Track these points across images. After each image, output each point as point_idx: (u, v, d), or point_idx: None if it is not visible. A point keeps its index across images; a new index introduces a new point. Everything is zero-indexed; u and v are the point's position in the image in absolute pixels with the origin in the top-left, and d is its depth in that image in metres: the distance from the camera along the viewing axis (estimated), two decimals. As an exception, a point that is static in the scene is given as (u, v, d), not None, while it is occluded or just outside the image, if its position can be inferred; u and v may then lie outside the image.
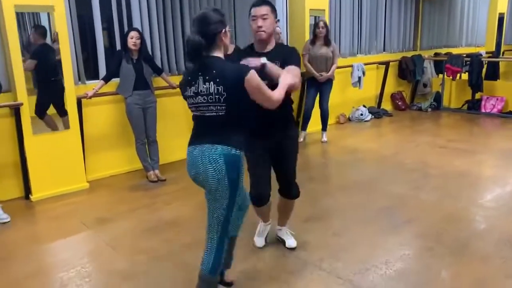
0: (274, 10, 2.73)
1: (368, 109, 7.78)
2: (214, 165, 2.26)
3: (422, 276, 2.89)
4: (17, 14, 4.09)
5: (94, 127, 4.90)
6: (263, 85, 2.30)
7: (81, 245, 3.52)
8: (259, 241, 3.35)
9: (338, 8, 7.26)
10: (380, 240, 3.40)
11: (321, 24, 5.86)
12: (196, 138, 2.37)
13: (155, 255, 3.26)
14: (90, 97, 4.62)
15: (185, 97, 2.38)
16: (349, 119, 7.67)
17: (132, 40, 4.51)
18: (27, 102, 4.23)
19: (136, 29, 4.65)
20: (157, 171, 4.95)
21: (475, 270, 2.94)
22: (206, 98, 2.25)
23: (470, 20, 10.19)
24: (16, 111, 4.19)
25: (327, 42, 5.91)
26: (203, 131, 2.34)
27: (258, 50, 2.80)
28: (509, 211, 3.86)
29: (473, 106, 8.02)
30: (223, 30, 2.30)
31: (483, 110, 7.88)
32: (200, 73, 2.27)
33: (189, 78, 2.32)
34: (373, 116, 7.75)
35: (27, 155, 4.32)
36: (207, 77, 2.24)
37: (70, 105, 4.50)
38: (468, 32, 10.22)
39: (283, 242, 3.31)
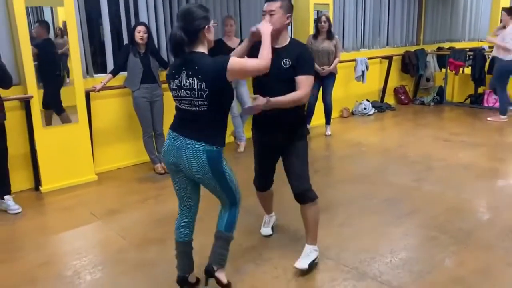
0: (285, 5, 2.70)
1: (371, 103, 7.83)
2: (197, 160, 2.38)
3: (427, 264, 2.96)
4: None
5: (101, 120, 4.97)
6: (245, 61, 2.44)
7: (92, 235, 3.60)
8: (265, 231, 3.44)
9: (342, 3, 7.30)
10: (385, 230, 3.47)
11: (323, 18, 5.91)
12: (180, 128, 2.46)
13: (165, 245, 3.32)
14: (98, 90, 4.68)
15: (170, 89, 2.47)
16: (353, 113, 7.73)
17: (140, 34, 4.57)
18: (37, 95, 4.30)
19: (143, 23, 4.71)
20: (163, 164, 5.01)
21: (478, 259, 3.01)
22: (189, 92, 2.33)
23: (473, 15, 10.21)
24: (26, 104, 4.26)
25: (329, 36, 5.96)
26: (186, 123, 2.43)
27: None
28: (510, 204, 3.92)
29: (476, 100, 8.07)
30: (206, 26, 2.35)
31: (485, 104, 7.93)
32: (183, 68, 2.34)
33: (173, 71, 2.40)
34: (376, 110, 7.80)
35: (37, 148, 4.40)
36: (190, 73, 2.32)
37: (79, 98, 4.57)
38: (471, 26, 10.24)
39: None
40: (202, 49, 2.38)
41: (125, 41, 5.06)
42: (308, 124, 6.31)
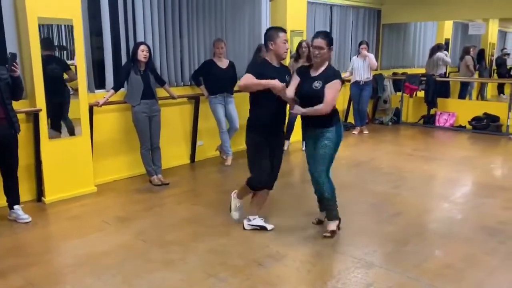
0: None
1: (338, 122, 8.46)
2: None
3: (421, 254, 3.47)
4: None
5: (100, 133, 5.15)
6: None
7: (111, 240, 3.78)
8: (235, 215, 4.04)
9: (312, 31, 7.95)
10: (378, 229, 3.97)
11: (304, 44, 6.49)
12: None
13: (186, 244, 3.61)
14: (101, 105, 4.89)
15: None
16: (322, 131, 8.31)
17: (143, 53, 4.86)
18: (45, 108, 4.45)
19: (145, 43, 5.01)
20: (160, 176, 5.26)
21: (461, 250, 3.56)
22: None
23: (422, 44, 11.31)
24: (35, 116, 4.40)
25: (308, 60, 6.53)
26: None
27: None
28: (476, 205, 4.58)
29: (429, 120, 8.96)
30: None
31: (437, 124, 8.83)
32: None
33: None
34: (343, 128, 8.43)
35: (43, 159, 4.52)
36: None
37: (83, 112, 4.75)
38: (420, 54, 11.32)
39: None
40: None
41: (123, 58, 5.32)
42: (288, 140, 6.79)
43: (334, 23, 8.61)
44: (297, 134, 6.93)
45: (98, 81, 5.27)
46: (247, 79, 3.49)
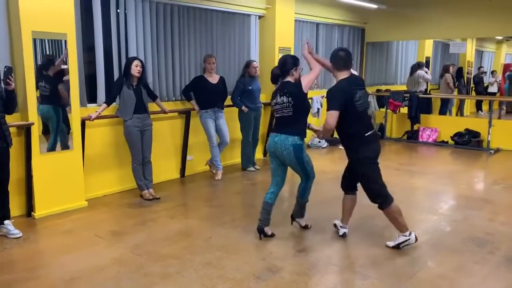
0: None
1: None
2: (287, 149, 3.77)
3: (415, 265, 3.55)
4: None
5: (92, 147, 5.13)
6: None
7: (106, 254, 3.75)
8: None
9: (299, 48, 8.11)
10: (371, 241, 4.03)
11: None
12: (277, 129, 3.87)
13: (182, 258, 3.61)
14: (93, 119, 4.89)
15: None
16: (309, 146, 8.43)
17: (137, 68, 4.90)
18: (37, 122, 4.43)
19: (139, 59, 5.04)
20: (151, 190, 5.25)
21: (452, 260, 3.65)
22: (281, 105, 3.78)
23: (404, 62, 11.62)
24: (27, 130, 4.37)
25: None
26: (280, 126, 3.85)
27: None
28: (463, 217, 4.70)
29: (412, 136, 9.17)
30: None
31: (420, 140, 9.04)
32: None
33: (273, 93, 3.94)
34: (328, 144, 8.58)
35: (34, 173, 4.47)
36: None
37: (75, 126, 4.74)
38: (402, 72, 11.62)
39: None
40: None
41: (116, 73, 5.34)
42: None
43: (320, 41, 8.82)
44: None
45: (90, 96, 5.27)
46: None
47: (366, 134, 3.75)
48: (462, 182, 6.13)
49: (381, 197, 3.76)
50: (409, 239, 3.74)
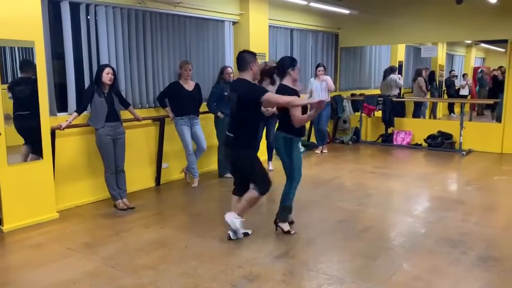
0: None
1: (300, 142, 8.61)
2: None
3: (390, 268, 3.56)
4: (-1, 47, 4.21)
5: (62, 157, 5.00)
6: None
7: (79, 267, 3.63)
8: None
9: (274, 54, 8.15)
10: (348, 245, 4.04)
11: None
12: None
13: (157, 268, 3.54)
14: (63, 129, 4.77)
15: None
16: (286, 151, 8.43)
17: (108, 75, 4.81)
18: (4, 132, 4.29)
19: (110, 66, 4.95)
20: (125, 200, 5.15)
21: (427, 261, 3.68)
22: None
23: (377, 66, 11.79)
24: (-7, 141, 4.23)
25: (272, 82, 6.64)
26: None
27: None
28: (438, 219, 4.76)
29: (387, 139, 9.29)
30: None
31: (395, 143, 9.16)
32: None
33: None
34: (305, 148, 8.60)
35: (1, 185, 4.32)
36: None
37: (45, 136, 4.61)
38: (376, 76, 11.78)
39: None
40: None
41: (86, 81, 5.23)
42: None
43: (294, 46, 8.86)
44: (261, 154, 6.99)
45: (60, 104, 5.14)
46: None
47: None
48: (436, 184, 6.23)
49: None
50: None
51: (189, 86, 5.85)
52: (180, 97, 5.78)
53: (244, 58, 4.03)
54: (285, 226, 4.28)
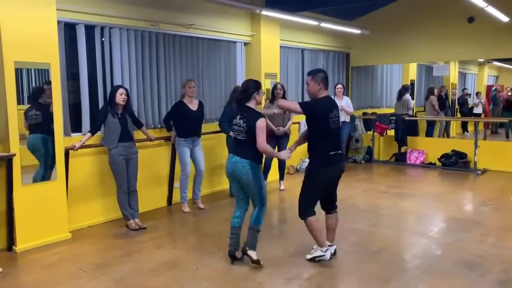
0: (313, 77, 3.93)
1: (312, 161, 8.58)
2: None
3: (406, 291, 3.48)
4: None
5: (76, 177, 5.03)
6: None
7: (90, 288, 3.63)
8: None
9: (286, 74, 8.21)
10: (361, 267, 3.97)
11: (279, 86, 6.66)
12: (235, 150, 3.94)
13: (169, 290, 3.51)
14: (77, 149, 4.81)
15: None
16: (297, 170, 8.40)
17: (122, 96, 4.87)
18: (19, 153, 4.34)
19: (123, 87, 5.01)
20: (137, 220, 5.14)
21: (443, 284, 3.60)
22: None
23: (389, 85, 11.78)
24: (8, 161, 4.28)
25: (271, 101, 6.70)
26: (237, 147, 3.91)
27: None
28: (454, 240, 4.66)
29: (400, 158, 9.20)
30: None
31: (408, 162, 9.06)
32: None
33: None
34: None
35: (15, 206, 4.36)
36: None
37: (59, 156, 4.66)
38: (388, 95, 11.76)
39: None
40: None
41: (100, 101, 5.30)
42: (265, 179, 6.80)
43: (305, 66, 8.90)
44: (271, 173, 6.97)
45: (74, 125, 5.21)
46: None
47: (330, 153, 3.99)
48: (451, 204, 6.12)
49: (301, 206, 4.00)
50: (324, 255, 3.99)
51: (194, 105, 5.73)
52: (184, 117, 5.64)
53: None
54: (255, 255, 3.92)
